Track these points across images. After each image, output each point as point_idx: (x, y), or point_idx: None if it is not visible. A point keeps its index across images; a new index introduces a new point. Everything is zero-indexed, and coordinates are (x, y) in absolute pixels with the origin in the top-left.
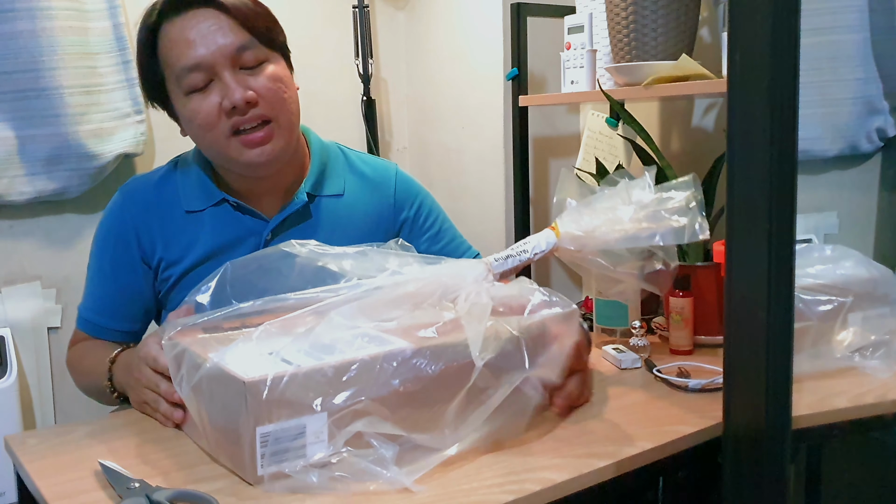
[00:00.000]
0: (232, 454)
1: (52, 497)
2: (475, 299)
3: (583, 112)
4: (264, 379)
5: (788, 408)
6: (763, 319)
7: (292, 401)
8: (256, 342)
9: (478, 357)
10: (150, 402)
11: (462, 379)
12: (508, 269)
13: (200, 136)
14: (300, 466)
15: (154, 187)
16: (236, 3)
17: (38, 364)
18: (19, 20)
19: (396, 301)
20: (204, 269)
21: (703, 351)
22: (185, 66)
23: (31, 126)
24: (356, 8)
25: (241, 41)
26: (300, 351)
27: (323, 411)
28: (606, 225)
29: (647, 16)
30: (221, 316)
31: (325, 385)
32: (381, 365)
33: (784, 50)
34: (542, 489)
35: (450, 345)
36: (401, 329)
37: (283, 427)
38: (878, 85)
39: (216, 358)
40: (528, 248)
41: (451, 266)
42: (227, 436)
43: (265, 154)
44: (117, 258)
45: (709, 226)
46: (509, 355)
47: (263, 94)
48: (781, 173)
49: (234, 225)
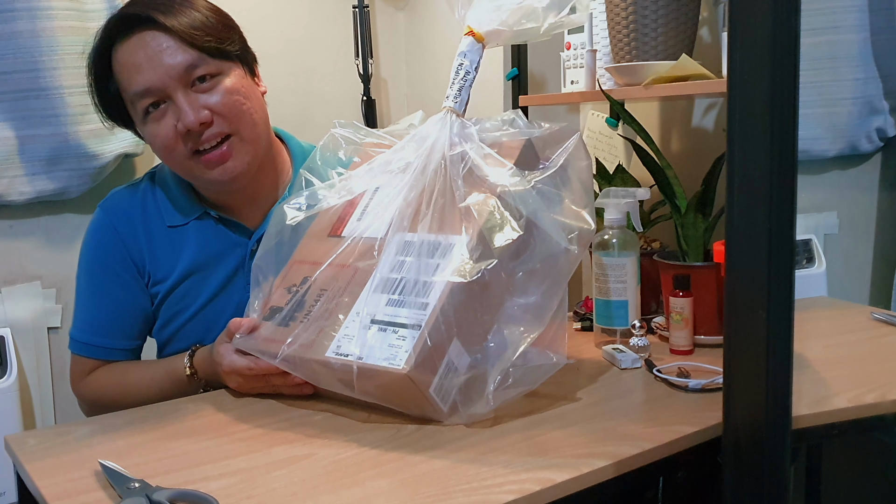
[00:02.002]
0: (411, 408)
1: (52, 497)
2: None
3: (583, 112)
4: (416, 362)
5: (788, 408)
6: (763, 319)
7: (437, 350)
8: (336, 320)
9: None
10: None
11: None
12: (466, 98)
13: (164, 157)
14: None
15: (135, 202)
16: (182, 21)
17: (38, 364)
18: (19, 20)
19: (409, 203)
20: (191, 283)
21: (703, 351)
22: (137, 91)
23: (31, 126)
24: (356, 8)
25: (189, 60)
26: (382, 303)
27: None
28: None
29: (647, 16)
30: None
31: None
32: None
33: (784, 50)
34: (542, 489)
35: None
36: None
37: (441, 374)
38: (878, 85)
39: (352, 357)
40: (468, 66)
41: (421, 133)
42: (402, 402)
43: (227, 172)
44: (110, 274)
45: (709, 225)
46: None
47: (220, 111)
48: (781, 173)
49: (219, 237)
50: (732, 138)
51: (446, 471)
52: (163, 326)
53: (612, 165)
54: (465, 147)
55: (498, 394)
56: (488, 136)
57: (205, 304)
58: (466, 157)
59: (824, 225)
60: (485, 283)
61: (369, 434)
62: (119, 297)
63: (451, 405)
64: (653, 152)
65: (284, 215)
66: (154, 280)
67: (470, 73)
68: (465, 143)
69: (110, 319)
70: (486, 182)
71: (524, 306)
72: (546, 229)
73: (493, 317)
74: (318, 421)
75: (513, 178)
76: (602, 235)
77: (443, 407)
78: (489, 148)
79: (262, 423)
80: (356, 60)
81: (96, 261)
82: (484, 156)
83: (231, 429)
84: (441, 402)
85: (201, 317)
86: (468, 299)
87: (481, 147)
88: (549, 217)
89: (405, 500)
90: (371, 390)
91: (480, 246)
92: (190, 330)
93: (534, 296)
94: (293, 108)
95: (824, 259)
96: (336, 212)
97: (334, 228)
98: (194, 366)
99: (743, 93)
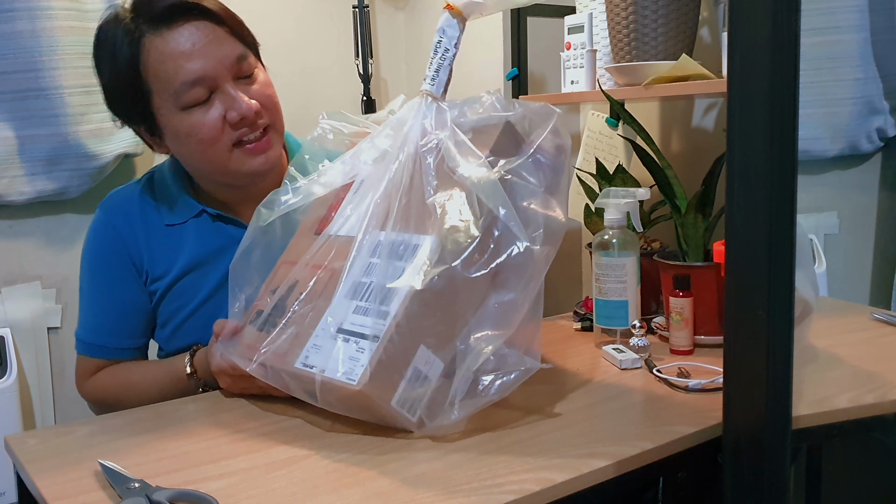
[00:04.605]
0: (378, 419)
1: (52, 497)
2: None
3: (583, 112)
4: (371, 377)
5: (788, 408)
6: (763, 319)
7: (396, 361)
8: (310, 326)
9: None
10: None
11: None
12: (445, 78)
13: (199, 150)
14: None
15: (134, 201)
16: (226, 11)
17: (38, 364)
18: (19, 20)
19: (387, 197)
20: (189, 281)
21: (703, 351)
22: (186, 81)
23: (31, 126)
24: (356, 8)
25: (239, 51)
26: (350, 310)
27: (419, 343)
28: None
29: (647, 16)
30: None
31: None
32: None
33: (784, 50)
34: (542, 489)
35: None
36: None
37: (405, 386)
38: (878, 85)
39: (316, 370)
40: (447, 43)
41: (398, 120)
42: (368, 415)
43: (269, 161)
44: (112, 274)
45: (709, 226)
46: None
47: (263, 102)
48: (781, 173)
49: (216, 235)
50: (732, 138)
51: (446, 471)
52: (162, 325)
53: (612, 165)
54: (439, 135)
55: (465, 402)
56: (466, 120)
57: (203, 302)
58: (440, 146)
59: (824, 225)
60: (441, 288)
61: (369, 434)
62: (121, 296)
63: (419, 416)
64: (653, 152)
65: (259, 216)
66: (152, 278)
67: (450, 50)
68: (440, 131)
69: (114, 319)
70: (456, 174)
71: (494, 307)
72: (508, 226)
73: (462, 319)
74: (317, 421)
75: (480, 170)
76: (602, 235)
77: (411, 418)
78: (464, 135)
79: (262, 424)
80: (356, 60)
81: (97, 261)
82: (457, 143)
83: (231, 429)
84: (408, 412)
85: (199, 315)
86: (426, 306)
87: (456, 134)
88: (514, 213)
89: (405, 501)
90: (333, 402)
91: (439, 249)
92: (189, 328)
93: (506, 296)
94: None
95: (824, 259)
96: (324, 208)
97: (320, 226)
98: (194, 366)
99: (743, 93)
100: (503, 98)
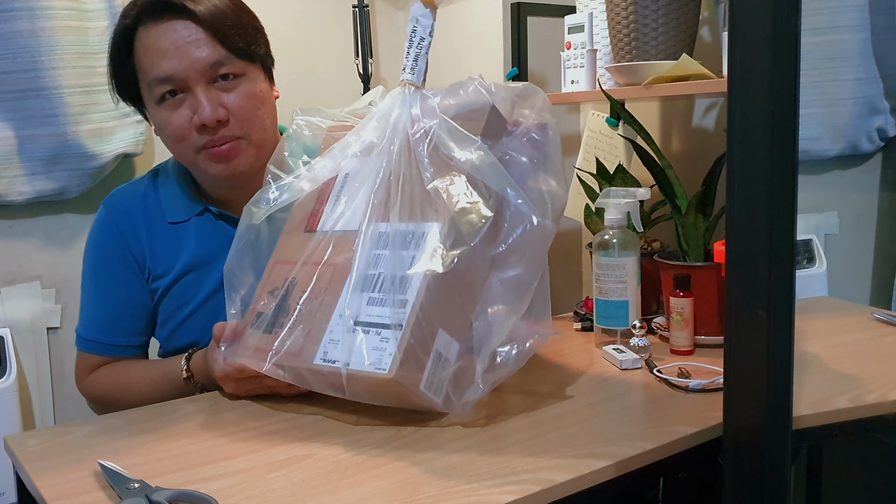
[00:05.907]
0: (405, 404)
1: (51, 497)
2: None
3: (583, 112)
4: (401, 363)
5: (789, 408)
6: (763, 319)
7: (422, 346)
8: (321, 322)
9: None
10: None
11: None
12: (423, 67)
13: (170, 144)
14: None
15: (137, 199)
16: (216, 15)
17: (38, 364)
18: (19, 20)
19: (382, 188)
20: (190, 279)
21: (703, 351)
22: (157, 77)
23: (31, 126)
24: (356, 8)
25: (216, 57)
26: (363, 302)
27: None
28: None
29: (647, 15)
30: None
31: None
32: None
33: (784, 50)
34: (542, 489)
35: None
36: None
37: (430, 369)
38: (878, 85)
39: (339, 363)
40: (421, 32)
41: (382, 110)
42: (395, 401)
43: (231, 168)
44: (114, 271)
45: (709, 225)
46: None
47: (235, 112)
48: (781, 173)
49: (218, 233)
50: (732, 138)
51: (446, 471)
52: (163, 323)
53: (613, 165)
54: (428, 123)
55: (487, 377)
56: (450, 106)
57: (204, 301)
58: (431, 134)
59: (825, 225)
60: (463, 269)
61: (369, 434)
62: (122, 293)
63: (444, 396)
64: (653, 152)
65: (251, 214)
66: (154, 276)
67: (425, 38)
68: (427, 119)
69: (114, 316)
70: (453, 160)
71: (505, 284)
72: (517, 205)
73: (476, 300)
74: (317, 421)
75: (479, 153)
76: (602, 235)
77: (437, 399)
78: (452, 121)
79: (261, 424)
80: (356, 60)
81: (99, 258)
82: (448, 130)
83: (231, 429)
84: (434, 395)
85: (200, 313)
86: (447, 288)
87: (444, 121)
88: (520, 191)
89: (405, 501)
90: (362, 392)
91: (453, 232)
92: (190, 326)
93: (514, 272)
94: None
95: (825, 259)
96: (309, 204)
97: (310, 223)
98: (191, 369)
99: (743, 93)
100: (486, 82)
